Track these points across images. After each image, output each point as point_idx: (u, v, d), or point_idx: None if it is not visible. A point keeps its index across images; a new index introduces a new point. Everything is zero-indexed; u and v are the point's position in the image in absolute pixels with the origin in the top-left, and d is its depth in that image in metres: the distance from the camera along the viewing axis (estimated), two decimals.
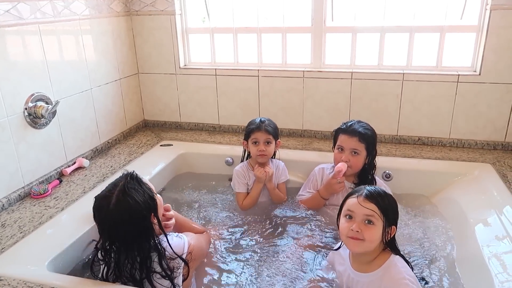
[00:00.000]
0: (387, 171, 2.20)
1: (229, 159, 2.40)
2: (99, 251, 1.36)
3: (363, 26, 2.44)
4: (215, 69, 2.67)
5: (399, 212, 1.41)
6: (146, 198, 1.32)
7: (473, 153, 2.31)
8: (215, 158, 2.45)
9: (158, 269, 1.32)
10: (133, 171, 1.39)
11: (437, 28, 2.34)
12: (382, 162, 2.15)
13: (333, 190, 1.92)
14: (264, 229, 1.91)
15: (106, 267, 1.33)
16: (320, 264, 1.64)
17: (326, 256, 1.66)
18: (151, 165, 2.30)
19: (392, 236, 1.36)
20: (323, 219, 1.92)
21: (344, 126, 1.95)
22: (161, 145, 2.58)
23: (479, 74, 2.27)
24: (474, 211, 1.80)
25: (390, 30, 2.41)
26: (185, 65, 2.77)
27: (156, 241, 1.33)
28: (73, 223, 1.71)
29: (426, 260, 1.67)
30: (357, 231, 1.31)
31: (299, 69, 2.53)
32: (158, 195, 1.42)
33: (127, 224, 1.28)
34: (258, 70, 2.59)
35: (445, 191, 2.08)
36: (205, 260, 1.65)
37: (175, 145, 2.57)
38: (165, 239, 1.36)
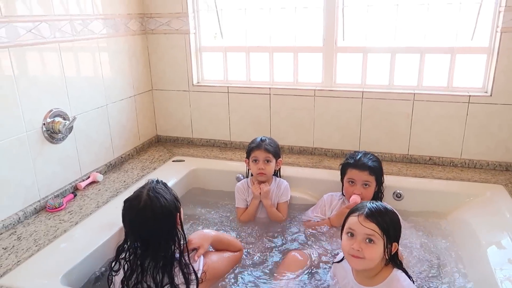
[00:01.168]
0: (398, 191, 2.20)
1: (240, 175, 2.42)
2: (116, 262, 1.42)
3: (374, 46, 2.48)
4: (228, 86, 2.72)
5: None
6: (172, 197, 1.46)
7: (485, 174, 2.30)
8: (226, 175, 2.47)
9: (178, 279, 1.37)
10: (157, 178, 1.51)
11: (447, 49, 2.36)
12: (393, 181, 2.16)
13: None
14: (269, 245, 1.92)
15: (129, 271, 1.38)
16: (324, 278, 1.65)
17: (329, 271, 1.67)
18: (163, 180, 2.33)
19: (394, 252, 1.38)
20: (326, 238, 1.93)
21: (353, 161, 1.99)
22: (173, 161, 2.61)
23: (490, 95, 2.28)
24: (486, 233, 1.79)
25: (401, 51, 2.44)
26: (198, 83, 2.82)
27: (177, 247, 1.41)
28: (87, 237, 1.74)
29: (437, 282, 1.66)
30: (358, 250, 1.34)
31: (310, 88, 2.57)
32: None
33: (157, 220, 1.37)
34: (269, 88, 2.63)
35: (456, 212, 2.07)
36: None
37: (187, 161, 2.60)
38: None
